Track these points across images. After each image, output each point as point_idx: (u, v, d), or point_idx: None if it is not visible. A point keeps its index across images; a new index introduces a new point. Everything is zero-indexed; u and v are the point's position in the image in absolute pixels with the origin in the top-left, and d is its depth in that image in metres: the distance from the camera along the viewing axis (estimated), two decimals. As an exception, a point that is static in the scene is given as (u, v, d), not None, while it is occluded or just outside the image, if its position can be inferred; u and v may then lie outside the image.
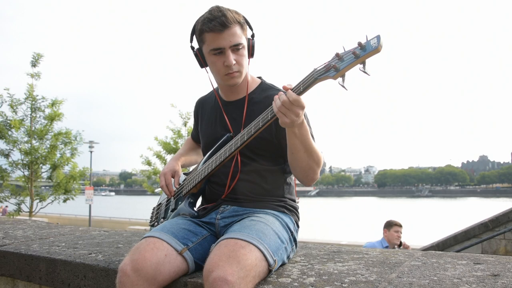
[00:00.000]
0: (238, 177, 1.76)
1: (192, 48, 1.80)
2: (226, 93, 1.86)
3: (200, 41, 1.74)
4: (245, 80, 1.81)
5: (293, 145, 1.56)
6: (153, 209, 2.14)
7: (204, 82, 1.98)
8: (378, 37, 1.24)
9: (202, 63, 1.79)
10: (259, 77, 1.91)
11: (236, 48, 1.67)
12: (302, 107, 1.43)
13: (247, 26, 1.75)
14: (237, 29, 1.67)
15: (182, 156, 2.07)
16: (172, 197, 1.97)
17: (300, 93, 1.42)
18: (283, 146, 1.72)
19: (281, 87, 1.82)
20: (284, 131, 1.65)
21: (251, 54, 1.77)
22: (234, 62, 1.67)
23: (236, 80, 1.73)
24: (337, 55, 1.32)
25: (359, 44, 1.27)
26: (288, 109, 1.42)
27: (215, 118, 1.88)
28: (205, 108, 1.97)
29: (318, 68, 1.37)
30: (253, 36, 1.78)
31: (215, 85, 1.89)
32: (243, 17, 1.73)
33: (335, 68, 1.31)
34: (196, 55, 1.78)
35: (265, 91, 1.81)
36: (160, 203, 2.12)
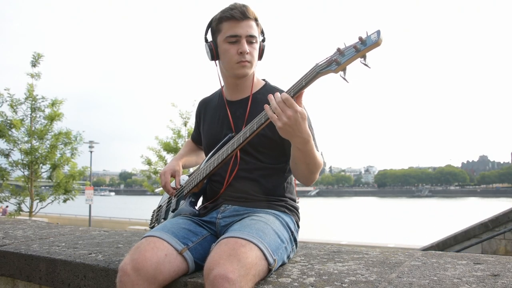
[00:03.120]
0: (238, 173, 1.77)
1: (206, 39, 1.85)
2: (231, 91, 1.88)
3: (216, 31, 1.80)
4: (250, 79, 1.84)
5: (297, 157, 1.58)
6: (153, 212, 2.14)
7: (204, 81, 2.00)
8: (378, 32, 1.27)
9: (214, 55, 1.82)
10: (264, 80, 1.94)
11: (250, 39, 1.75)
12: (295, 110, 1.41)
13: (261, 29, 1.83)
14: (254, 24, 1.76)
15: (183, 157, 2.08)
16: (173, 197, 1.97)
17: (302, 87, 1.44)
18: (285, 145, 1.73)
19: (286, 89, 1.84)
20: None
21: (260, 56, 1.83)
22: (247, 51, 1.73)
23: (246, 70, 1.77)
24: (338, 50, 1.35)
25: (360, 38, 1.30)
26: (281, 110, 1.43)
27: (218, 117, 1.90)
28: (208, 109, 1.99)
29: (320, 63, 1.40)
30: (263, 40, 1.84)
31: (222, 83, 1.91)
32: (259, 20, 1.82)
33: (336, 62, 1.34)
34: (209, 46, 1.82)
35: (269, 92, 1.82)
36: (160, 205, 2.12)
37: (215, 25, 1.79)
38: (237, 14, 1.71)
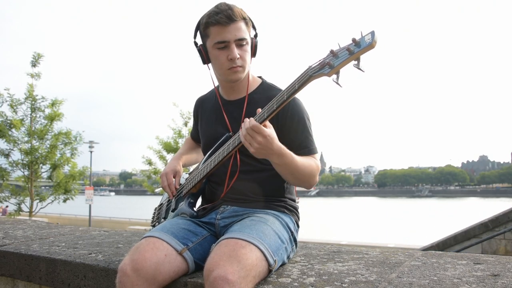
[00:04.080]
0: (237, 176, 1.76)
1: (195, 43, 1.80)
2: (227, 92, 1.85)
3: (204, 36, 1.75)
4: (246, 79, 1.81)
5: (279, 171, 1.60)
6: (155, 210, 2.14)
7: (205, 81, 1.98)
8: (372, 33, 1.23)
9: (205, 59, 1.79)
10: (260, 77, 1.91)
11: (240, 43, 1.69)
12: (263, 135, 1.42)
13: (252, 25, 1.77)
14: (242, 25, 1.69)
15: (182, 156, 2.07)
16: (172, 197, 1.97)
17: (295, 90, 1.41)
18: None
19: (282, 87, 1.82)
20: (282, 131, 1.65)
21: (253, 53, 1.78)
22: (238, 56, 1.68)
23: (238, 75, 1.73)
24: (331, 52, 1.32)
25: (353, 40, 1.26)
26: (251, 137, 1.44)
27: (215, 117, 1.88)
28: (205, 107, 1.97)
29: (313, 66, 1.37)
30: (256, 36, 1.79)
31: (217, 83, 1.89)
32: (248, 16, 1.75)
33: (329, 65, 1.31)
34: (199, 50, 1.79)
35: (266, 91, 1.81)
36: (161, 204, 2.12)
37: (202, 30, 1.74)
38: (223, 19, 1.64)
